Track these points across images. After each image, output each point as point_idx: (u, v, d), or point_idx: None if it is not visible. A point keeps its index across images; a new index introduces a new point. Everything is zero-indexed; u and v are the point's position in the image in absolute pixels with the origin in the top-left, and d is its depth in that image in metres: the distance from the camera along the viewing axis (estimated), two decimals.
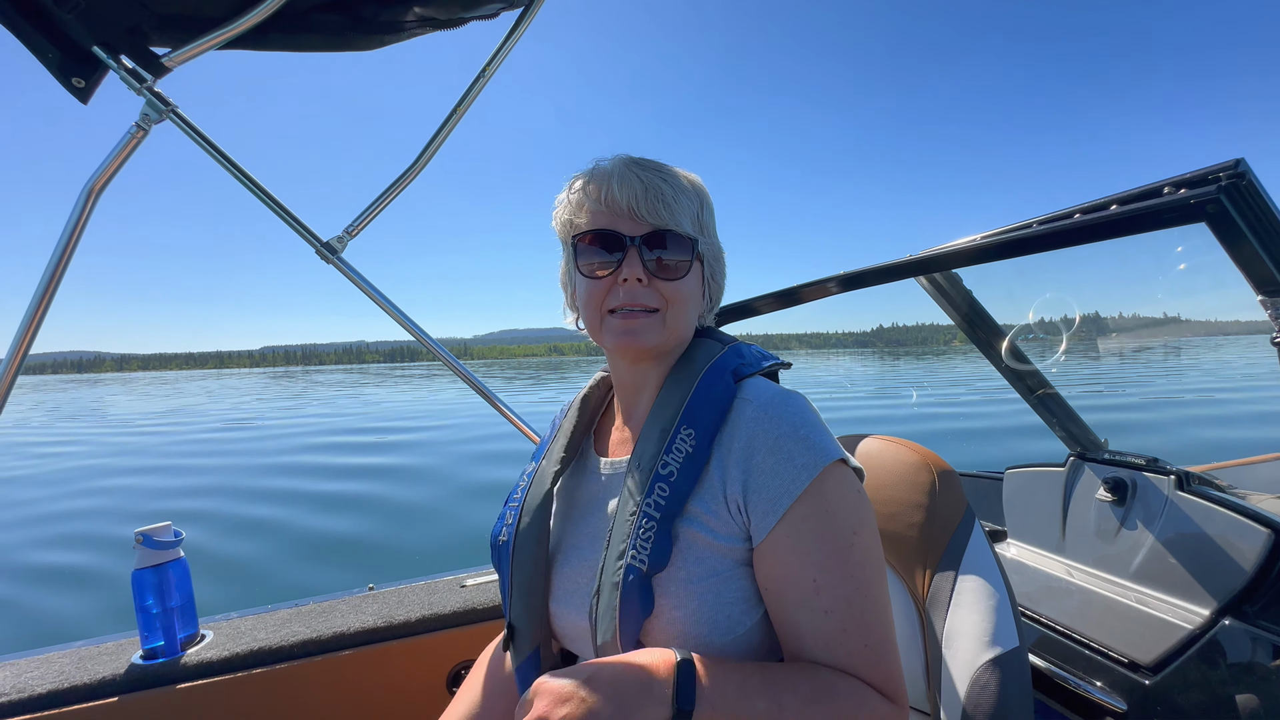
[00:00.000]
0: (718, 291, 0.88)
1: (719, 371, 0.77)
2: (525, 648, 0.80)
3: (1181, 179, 0.83)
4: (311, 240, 1.44)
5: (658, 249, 0.76)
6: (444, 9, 1.15)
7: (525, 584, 0.81)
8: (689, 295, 0.79)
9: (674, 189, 0.77)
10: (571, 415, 0.92)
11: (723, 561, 0.70)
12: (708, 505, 0.71)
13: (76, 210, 1.10)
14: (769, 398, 0.73)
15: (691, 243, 0.78)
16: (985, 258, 1.07)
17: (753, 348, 0.86)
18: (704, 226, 0.81)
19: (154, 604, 1.23)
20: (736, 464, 0.70)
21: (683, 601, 0.68)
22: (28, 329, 1.11)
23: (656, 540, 0.68)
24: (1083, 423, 1.63)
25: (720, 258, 0.87)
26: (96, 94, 1.12)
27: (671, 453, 0.72)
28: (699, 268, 0.81)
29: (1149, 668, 1.04)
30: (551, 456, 0.88)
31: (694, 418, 0.73)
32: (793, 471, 0.68)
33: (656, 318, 0.78)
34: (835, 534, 0.67)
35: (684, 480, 0.71)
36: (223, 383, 58.38)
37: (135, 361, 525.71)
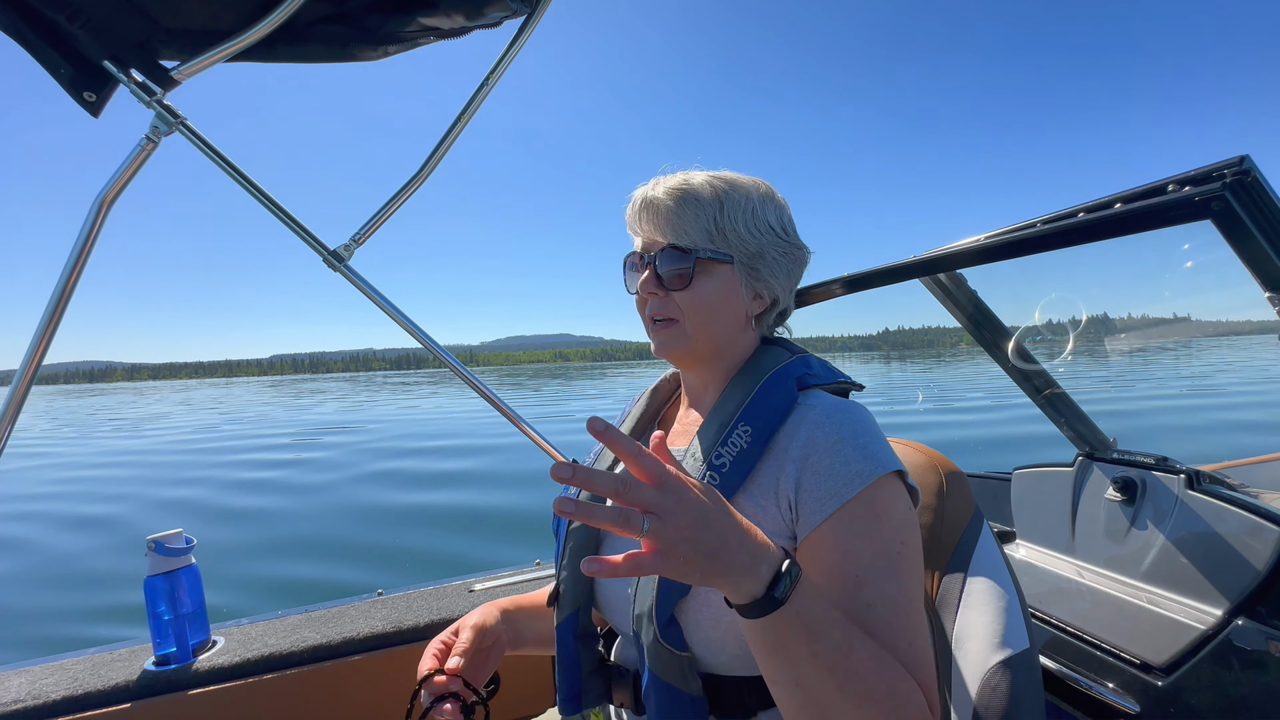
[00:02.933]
0: (775, 290, 0.86)
1: (783, 377, 0.80)
2: (566, 608, 0.86)
3: (1186, 176, 0.83)
4: (318, 248, 1.45)
5: (664, 264, 0.81)
6: (447, 18, 1.16)
7: (576, 550, 0.86)
8: (705, 303, 0.81)
9: (681, 204, 0.80)
10: (640, 404, 0.99)
11: None
12: (757, 500, 0.73)
13: (88, 222, 1.11)
14: (832, 405, 0.76)
15: (690, 252, 0.79)
16: (990, 258, 1.07)
17: (824, 361, 0.87)
18: (724, 230, 0.81)
19: (166, 610, 1.24)
20: (793, 462, 0.73)
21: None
22: (41, 339, 1.12)
23: None
24: (1091, 422, 1.62)
25: (765, 255, 0.83)
26: (107, 107, 1.14)
27: (726, 445, 0.75)
28: (724, 272, 0.81)
29: (1161, 669, 1.03)
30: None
31: (752, 416, 0.76)
32: (847, 475, 0.70)
33: (678, 327, 0.83)
34: (883, 538, 0.68)
35: (735, 473, 0.73)
36: (261, 393, 58.74)
37: (146, 371, 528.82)
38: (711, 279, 0.81)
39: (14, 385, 1.14)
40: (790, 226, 0.87)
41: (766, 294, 0.85)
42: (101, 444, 17.13)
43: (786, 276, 0.86)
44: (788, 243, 0.85)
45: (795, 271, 0.88)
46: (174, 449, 14.92)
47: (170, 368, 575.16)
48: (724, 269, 0.81)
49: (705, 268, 0.81)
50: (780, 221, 0.85)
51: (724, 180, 0.82)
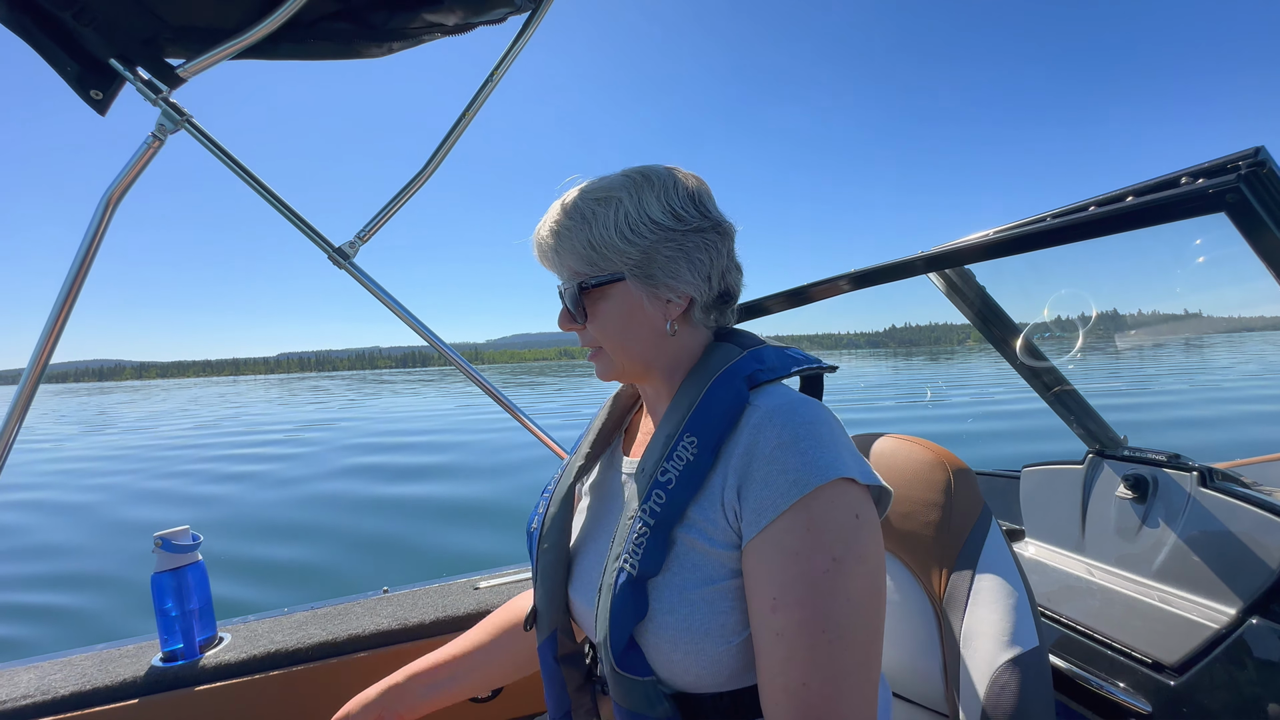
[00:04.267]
0: (683, 289, 0.76)
1: (730, 377, 0.74)
2: (545, 629, 0.84)
3: (1199, 168, 0.81)
4: (324, 246, 1.45)
5: (566, 300, 0.78)
6: (451, 15, 1.16)
7: (548, 570, 0.84)
8: (613, 328, 0.77)
9: (555, 237, 0.76)
10: (602, 414, 0.95)
11: (719, 569, 0.68)
12: (706, 512, 0.69)
13: (95, 219, 1.12)
14: (777, 405, 0.70)
15: (575, 285, 0.76)
16: (998, 253, 1.06)
17: (786, 351, 0.81)
18: (600, 248, 0.74)
19: (173, 607, 1.25)
20: (735, 471, 0.68)
21: (674, 606, 0.68)
22: (49, 337, 1.13)
23: (649, 546, 0.68)
24: (1101, 419, 1.60)
25: (656, 257, 0.74)
26: (113, 105, 1.14)
27: (672, 459, 0.70)
28: (620, 290, 0.75)
29: (1174, 668, 1.02)
30: (580, 451, 0.92)
31: (698, 425, 0.71)
32: (784, 484, 0.64)
33: (603, 354, 0.80)
34: (810, 554, 0.62)
35: (683, 488, 0.69)
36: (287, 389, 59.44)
37: (154, 369, 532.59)
38: (609, 301, 0.76)
39: (21, 383, 1.14)
40: (689, 208, 0.75)
41: (675, 296, 0.76)
42: (101, 440, 17.33)
43: (691, 269, 0.76)
44: (682, 231, 0.75)
45: (703, 258, 0.76)
46: (174, 447, 15.05)
47: (179, 366, 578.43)
48: (618, 287, 0.75)
49: (598, 293, 0.76)
50: (670, 210, 0.74)
51: (598, 191, 0.75)
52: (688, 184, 0.77)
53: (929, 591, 0.97)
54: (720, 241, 0.78)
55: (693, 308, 0.78)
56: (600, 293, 0.76)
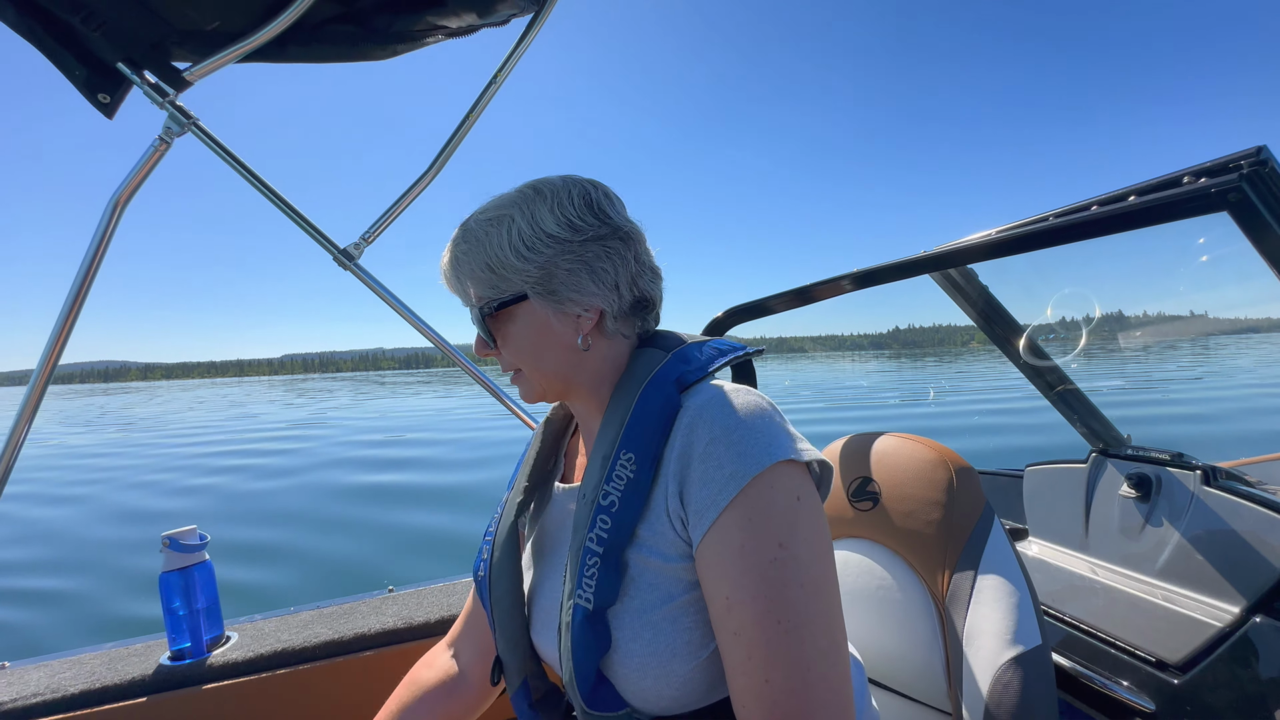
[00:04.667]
0: (589, 301, 0.73)
1: (659, 384, 0.71)
2: (515, 680, 0.79)
3: (1202, 168, 0.81)
4: (329, 247, 1.46)
5: (477, 326, 0.77)
6: (456, 17, 1.17)
7: (504, 619, 0.79)
8: (524, 349, 0.75)
9: (454, 264, 0.75)
10: (535, 440, 0.90)
11: (677, 585, 0.66)
12: (655, 528, 0.67)
13: (103, 221, 1.13)
14: (704, 402, 0.67)
15: (478, 309, 0.74)
16: (1001, 252, 1.06)
17: (707, 345, 0.78)
18: (498, 268, 0.72)
19: (180, 606, 1.26)
20: (674, 477, 0.66)
21: (638, 633, 0.66)
22: (58, 338, 1.14)
23: (601, 576, 0.65)
24: (1104, 418, 1.60)
25: (556, 272, 0.72)
26: (120, 109, 1.15)
27: (612, 481, 0.67)
28: (524, 309, 0.73)
29: (1177, 667, 1.02)
30: (517, 486, 0.86)
31: (633, 440, 0.68)
32: (721, 480, 0.62)
33: (523, 377, 0.77)
34: (757, 546, 0.61)
35: (627, 509, 0.66)
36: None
37: (159, 371, 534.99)
38: (517, 323, 0.74)
39: (31, 384, 1.15)
40: (586, 216, 0.72)
41: (582, 310, 0.73)
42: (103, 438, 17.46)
43: (594, 280, 0.72)
44: (580, 242, 0.72)
45: (606, 267, 0.73)
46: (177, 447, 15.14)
47: (183, 367, 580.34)
48: (523, 307, 0.73)
49: (505, 315, 0.74)
50: (566, 221, 0.72)
51: (491, 211, 0.74)
52: (583, 191, 0.74)
53: (931, 590, 0.98)
54: (624, 247, 0.74)
55: (605, 319, 0.75)
56: (506, 314, 0.74)
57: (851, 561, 1.08)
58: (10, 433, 1.11)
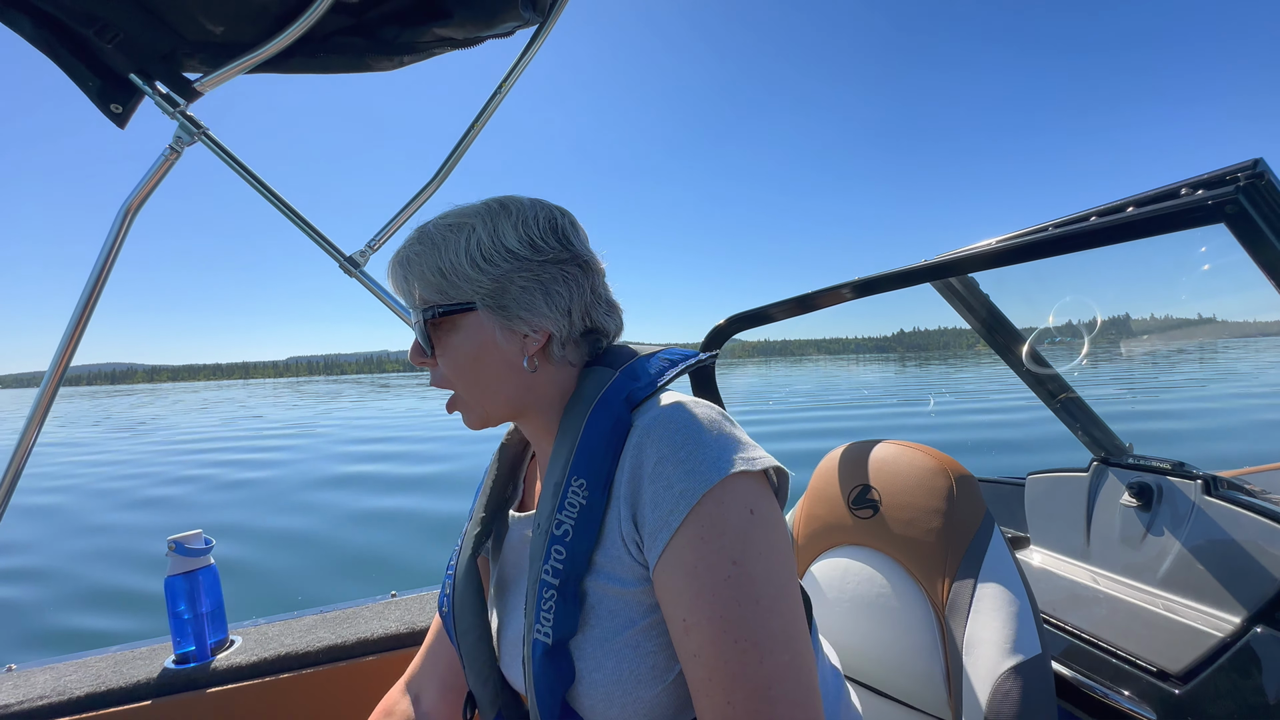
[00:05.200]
0: (539, 323, 0.71)
1: (607, 404, 0.68)
2: (488, 714, 0.78)
3: (1199, 180, 0.82)
4: (335, 254, 1.48)
5: (416, 331, 0.73)
6: (461, 29, 1.19)
7: (472, 653, 0.77)
8: (460, 363, 0.72)
9: (404, 264, 0.73)
10: (491, 469, 0.87)
11: (637, 609, 0.65)
12: (610, 553, 0.65)
13: (114, 229, 1.15)
14: (651, 419, 0.65)
15: (422, 313, 0.71)
16: (1001, 262, 1.07)
17: (655, 358, 0.75)
18: (449, 274, 0.70)
19: (185, 610, 1.27)
20: (625, 501, 0.65)
21: (601, 662, 0.65)
22: (70, 341, 1.16)
23: (559, 608, 0.64)
24: (1106, 427, 1.60)
25: (509, 288, 0.70)
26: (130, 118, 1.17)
27: (565, 510, 0.66)
28: (471, 321, 0.71)
29: (1178, 676, 1.02)
30: (475, 517, 0.84)
31: (583, 465, 0.66)
32: (671, 500, 0.61)
33: (459, 399, 0.75)
34: (710, 565, 0.59)
35: (581, 537, 0.65)
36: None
37: (166, 373, 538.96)
38: (459, 333, 0.71)
39: (43, 386, 1.17)
40: (549, 239, 0.72)
41: (530, 330, 0.71)
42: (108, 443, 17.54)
43: (547, 302, 0.71)
44: (539, 262, 0.71)
45: (561, 291, 0.72)
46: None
47: (189, 369, 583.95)
48: (469, 318, 0.71)
49: (448, 324, 0.71)
50: (528, 240, 0.71)
51: (452, 218, 0.72)
52: (549, 215, 0.73)
53: (931, 598, 0.98)
54: (582, 275, 0.74)
55: (552, 343, 0.73)
56: (450, 323, 0.72)
57: (851, 569, 1.09)
58: (22, 433, 1.13)
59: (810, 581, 1.16)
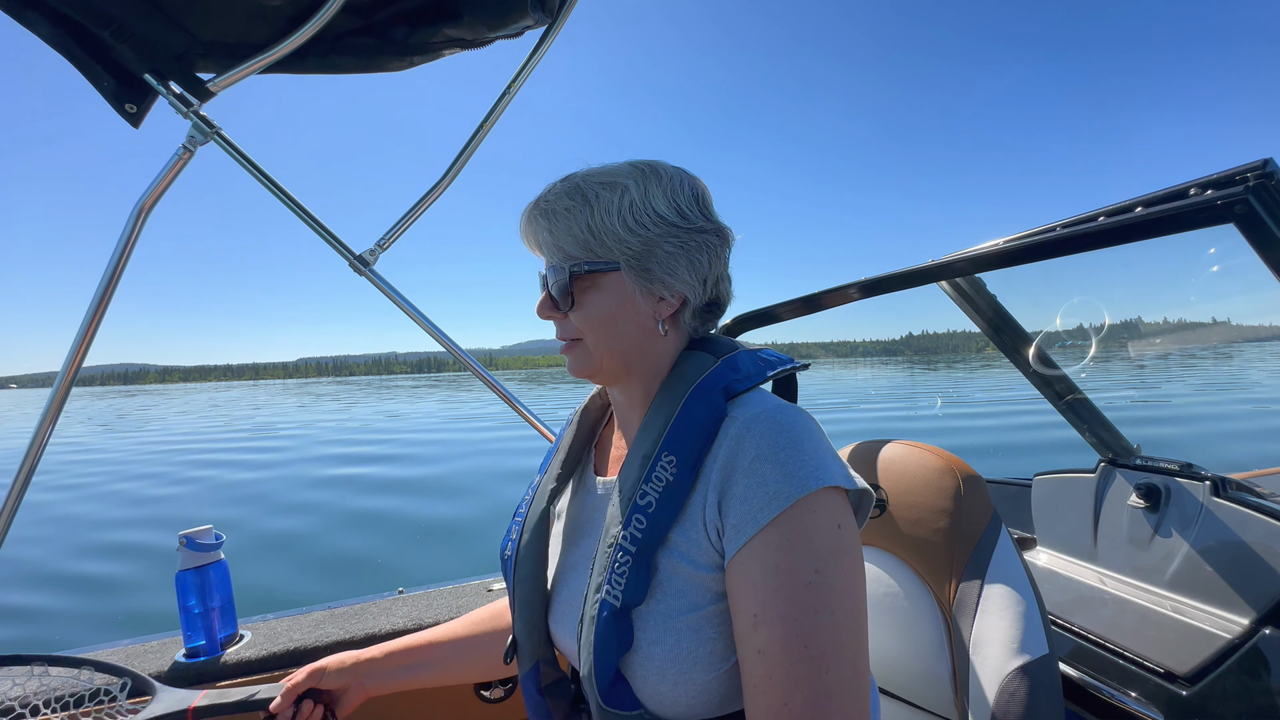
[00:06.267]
0: (678, 287, 0.74)
1: (706, 390, 0.70)
2: (526, 662, 0.79)
3: (1208, 180, 0.82)
4: (345, 253, 1.49)
5: (552, 284, 0.75)
6: (471, 29, 1.20)
7: (525, 600, 0.80)
8: (599, 319, 0.73)
9: (550, 217, 0.73)
10: (571, 430, 0.90)
11: (705, 594, 0.66)
12: (689, 534, 0.67)
13: (127, 228, 1.16)
14: (754, 415, 0.67)
15: (567, 269, 0.72)
16: (1009, 262, 1.07)
17: (757, 355, 0.78)
18: (600, 234, 0.71)
19: (196, 604, 1.28)
20: (714, 488, 0.66)
21: (660, 637, 0.66)
22: (83, 341, 1.17)
23: (631, 574, 0.65)
24: (1114, 428, 1.60)
25: (656, 252, 0.72)
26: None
27: (651, 481, 0.67)
28: (613, 280, 0.73)
29: (1186, 678, 1.02)
30: (550, 472, 0.87)
31: (676, 443, 0.68)
32: (764, 498, 0.62)
33: (582, 347, 0.76)
34: (791, 568, 0.60)
35: (664, 510, 0.66)
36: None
37: (177, 373, 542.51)
38: (600, 291, 0.73)
39: (55, 386, 1.18)
40: (694, 208, 0.74)
41: (669, 294, 0.74)
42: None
43: (690, 269, 0.73)
44: (686, 229, 0.73)
45: (703, 260, 0.74)
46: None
47: (200, 370, 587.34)
48: (611, 277, 0.72)
49: (589, 281, 0.73)
50: (676, 206, 0.72)
51: (604, 176, 0.73)
52: (693, 185, 0.75)
53: (938, 598, 0.98)
54: (720, 246, 0.76)
55: (684, 310, 0.76)
56: (591, 281, 0.73)
57: None
58: (35, 432, 1.14)
59: None
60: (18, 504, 1.15)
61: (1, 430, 25.77)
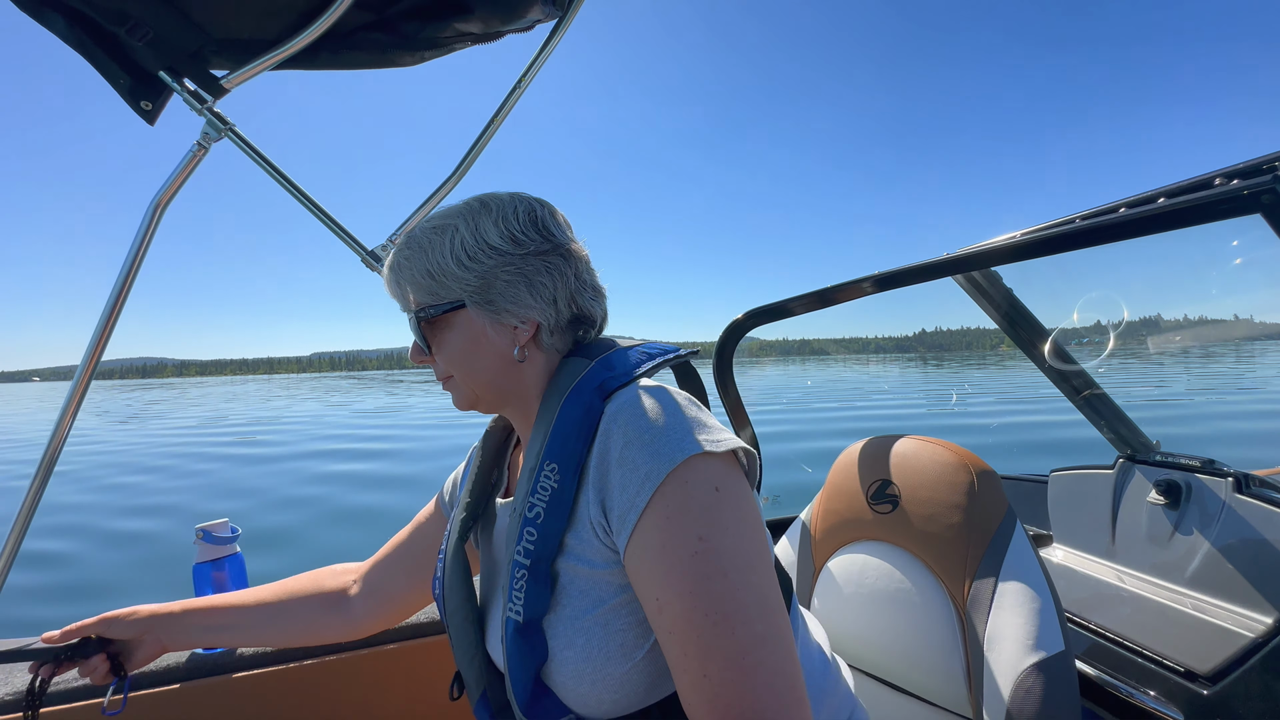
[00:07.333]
0: (526, 313, 0.74)
1: (580, 392, 0.71)
2: (475, 692, 0.79)
3: (1234, 169, 0.80)
4: (357, 249, 1.49)
5: (413, 333, 0.77)
6: (482, 24, 1.19)
7: (459, 632, 0.80)
8: (459, 358, 0.76)
9: (395, 269, 0.76)
10: (476, 456, 0.89)
11: (606, 589, 0.67)
12: (580, 536, 0.67)
13: (144, 225, 1.17)
14: (618, 406, 0.68)
15: (415, 315, 0.75)
16: (1025, 255, 1.05)
17: (633, 350, 0.78)
18: (438, 276, 0.73)
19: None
20: (594, 486, 0.66)
21: (571, 640, 0.66)
22: (101, 336, 1.18)
23: (529, 587, 0.66)
24: (1132, 424, 1.57)
25: (494, 283, 0.73)
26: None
27: (537, 493, 0.68)
28: (461, 318, 0.74)
29: (1207, 677, 1.00)
30: (461, 502, 0.87)
31: (555, 450, 0.68)
32: (638, 482, 0.62)
33: (454, 384, 0.78)
34: (676, 543, 0.60)
35: (552, 519, 0.67)
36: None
37: (194, 367, 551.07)
38: (453, 330, 0.75)
39: (75, 380, 1.20)
40: (529, 232, 0.74)
41: (519, 321, 0.74)
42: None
43: (531, 292, 0.74)
44: (520, 255, 0.73)
45: (545, 281, 0.74)
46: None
47: (217, 364, 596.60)
48: (460, 315, 0.74)
49: (442, 322, 0.75)
50: (509, 234, 0.73)
51: (437, 220, 0.75)
52: (529, 207, 0.76)
53: (951, 594, 0.97)
54: (564, 264, 0.76)
55: (541, 332, 0.76)
56: (444, 321, 0.75)
57: (870, 565, 1.08)
58: (55, 426, 1.16)
59: (828, 576, 1.15)
60: (39, 496, 1.17)
61: (19, 422, 26.26)
